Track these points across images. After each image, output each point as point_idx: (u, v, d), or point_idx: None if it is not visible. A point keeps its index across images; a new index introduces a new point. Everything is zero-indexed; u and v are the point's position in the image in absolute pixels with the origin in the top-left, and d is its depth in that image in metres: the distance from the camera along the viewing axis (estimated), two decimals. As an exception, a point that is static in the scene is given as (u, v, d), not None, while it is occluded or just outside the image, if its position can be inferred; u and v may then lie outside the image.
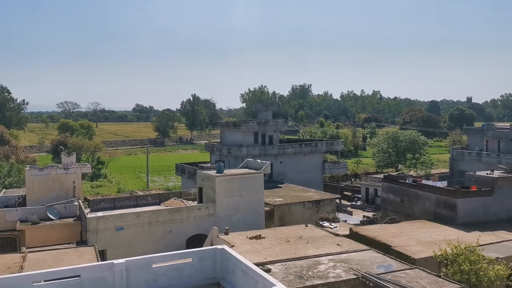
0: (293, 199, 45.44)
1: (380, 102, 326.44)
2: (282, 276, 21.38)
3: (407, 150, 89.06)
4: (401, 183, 44.99)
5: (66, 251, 26.74)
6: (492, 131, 56.45)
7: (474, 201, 39.17)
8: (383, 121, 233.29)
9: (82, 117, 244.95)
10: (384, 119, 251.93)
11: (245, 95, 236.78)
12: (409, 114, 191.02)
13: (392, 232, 33.47)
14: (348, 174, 79.42)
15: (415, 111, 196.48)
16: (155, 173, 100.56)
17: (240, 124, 62.40)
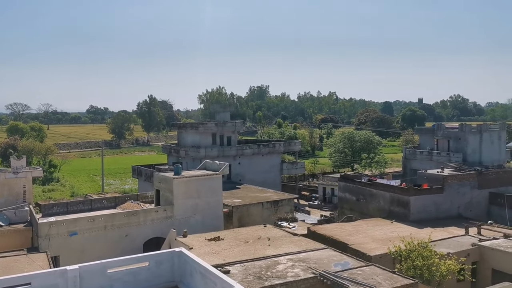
0: (252, 200, 45.52)
1: (336, 103, 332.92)
2: (241, 277, 21.34)
3: (362, 150, 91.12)
4: (357, 182, 46.01)
5: (17, 258, 25.62)
6: (442, 131, 58.75)
7: (426, 198, 40.63)
8: (339, 121, 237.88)
9: (33, 119, 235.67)
10: (340, 119, 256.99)
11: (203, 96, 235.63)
12: (364, 115, 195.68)
13: (348, 231, 34.15)
14: (305, 174, 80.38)
15: (370, 112, 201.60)
16: (110, 176, 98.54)
17: (198, 126, 62.02)
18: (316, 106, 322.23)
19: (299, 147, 73.24)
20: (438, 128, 59.24)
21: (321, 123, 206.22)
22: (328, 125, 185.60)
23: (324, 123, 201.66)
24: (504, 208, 43.65)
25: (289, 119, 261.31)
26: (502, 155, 57.44)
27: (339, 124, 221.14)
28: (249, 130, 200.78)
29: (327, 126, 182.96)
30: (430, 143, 60.97)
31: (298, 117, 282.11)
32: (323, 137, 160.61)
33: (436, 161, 56.79)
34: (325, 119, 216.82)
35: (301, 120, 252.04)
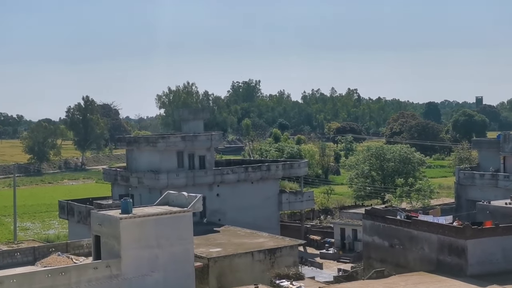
0: (237, 249, 45.26)
1: (358, 105, 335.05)
2: None
3: (397, 173, 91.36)
4: (390, 220, 46.07)
5: None
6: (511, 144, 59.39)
7: (490, 242, 40.75)
8: (363, 132, 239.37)
9: None
10: (364, 129, 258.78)
11: (164, 97, 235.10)
12: (399, 122, 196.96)
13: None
14: (315, 210, 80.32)
15: (407, 117, 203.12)
16: (27, 216, 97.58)
17: (157, 140, 61.89)
18: (329, 109, 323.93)
19: (306, 170, 73.01)
20: (506, 139, 59.87)
21: (337, 135, 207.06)
22: (347, 137, 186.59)
23: (341, 134, 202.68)
24: None
25: (291, 129, 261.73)
26: None
27: (363, 136, 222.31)
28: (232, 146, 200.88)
29: (346, 138, 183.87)
30: (495, 161, 61.48)
31: (303, 126, 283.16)
32: (340, 154, 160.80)
33: (503, 188, 57.20)
34: (343, 129, 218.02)
35: (307, 131, 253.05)
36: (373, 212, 49.46)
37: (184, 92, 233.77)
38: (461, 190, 63.19)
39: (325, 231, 68.56)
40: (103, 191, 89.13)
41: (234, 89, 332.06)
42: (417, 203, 77.44)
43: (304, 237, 65.03)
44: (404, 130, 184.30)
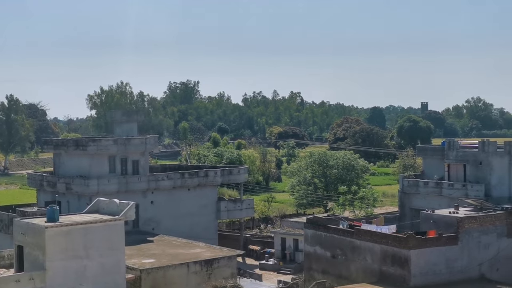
0: (172, 260, 45.00)
1: (301, 110, 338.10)
2: None
3: (340, 180, 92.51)
4: (332, 229, 46.61)
5: None
6: (456, 151, 60.87)
7: (434, 252, 41.77)
8: (306, 137, 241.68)
9: None
10: (307, 134, 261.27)
11: (95, 98, 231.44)
12: (343, 127, 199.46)
13: (320, 304, 34.45)
14: (255, 219, 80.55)
15: (351, 123, 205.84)
16: None
17: (87, 143, 61.02)
18: (271, 113, 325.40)
19: (246, 176, 73.26)
20: (450, 146, 61.36)
21: (279, 140, 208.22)
22: (289, 142, 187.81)
23: (283, 139, 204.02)
24: (544, 265, 45.57)
25: (231, 133, 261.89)
26: (541, 187, 60.23)
27: (305, 141, 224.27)
28: (168, 151, 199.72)
29: (288, 144, 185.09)
30: (439, 169, 62.90)
31: (244, 130, 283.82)
32: (282, 160, 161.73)
33: (447, 197, 58.59)
34: (285, 133, 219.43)
35: (248, 135, 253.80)
36: (315, 221, 49.94)
37: (118, 93, 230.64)
38: (405, 199, 64.36)
39: (265, 241, 68.74)
40: (28, 198, 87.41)
41: (171, 90, 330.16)
42: (360, 212, 78.57)
43: (243, 247, 65.19)
44: (348, 135, 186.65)
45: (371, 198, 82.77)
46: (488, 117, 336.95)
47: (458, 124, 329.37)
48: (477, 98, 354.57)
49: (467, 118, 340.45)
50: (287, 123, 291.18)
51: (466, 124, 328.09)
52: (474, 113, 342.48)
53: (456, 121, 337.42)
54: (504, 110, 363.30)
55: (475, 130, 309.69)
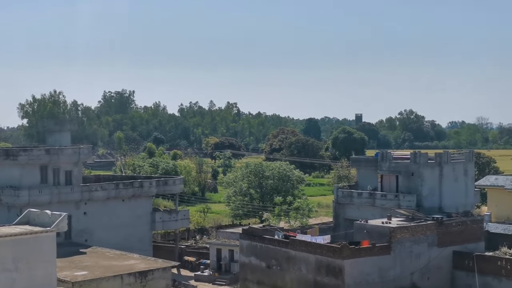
0: (105, 272, 44.34)
1: (237, 120, 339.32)
2: None
3: (275, 190, 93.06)
4: (268, 240, 46.90)
5: None
6: (389, 163, 62.15)
7: (367, 262, 42.57)
8: (242, 147, 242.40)
9: None
10: (243, 144, 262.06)
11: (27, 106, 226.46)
12: (279, 138, 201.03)
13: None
14: (191, 229, 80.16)
15: (287, 134, 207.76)
16: None
17: (18, 153, 59.66)
18: (207, 124, 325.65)
19: (181, 187, 72.77)
20: (383, 158, 62.57)
21: (215, 150, 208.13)
22: (225, 153, 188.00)
23: (219, 149, 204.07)
24: (473, 274, 47.08)
25: (166, 143, 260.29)
26: (469, 198, 61.95)
27: (242, 152, 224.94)
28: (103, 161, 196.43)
29: (224, 154, 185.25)
30: (373, 180, 64.06)
31: (180, 141, 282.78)
32: (218, 171, 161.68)
33: (380, 207, 59.70)
34: (221, 144, 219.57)
35: (184, 146, 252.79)
36: (250, 231, 50.14)
37: (50, 101, 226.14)
38: (339, 209, 65.17)
39: (200, 252, 68.54)
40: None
41: (105, 100, 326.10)
42: (295, 222, 79.16)
43: (178, 258, 64.88)
44: (284, 146, 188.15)
45: (306, 209, 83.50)
46: (420, 129, 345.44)
47: (391, 136, 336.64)
48: (409, 111, 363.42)
49: (399, 130, 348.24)
50: (224, 133, 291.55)
51: (399, 136, 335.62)
52: (407, 125, 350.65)
53: (389, 132, 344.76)
54: (435, 123, 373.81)
55: (407, 142, 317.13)
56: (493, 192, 73.09)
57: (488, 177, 79.53)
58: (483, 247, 52.50)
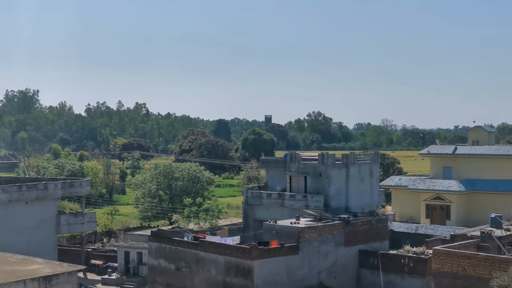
0: (7, 277, 42.79)
1: (146, 121, 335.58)
2: None
3: (185, 192, 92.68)
4: (177, 242, 46.63)
5: None
6: (297, 164, 63.07)
7: (276, 262, 43.05)
8: (151, 148, 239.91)
9: None
10: (152, 145, 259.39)
11: None
12: (189, 139, 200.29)
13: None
14: (98, 232, 78.77)
15: (197, 135, 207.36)
16: None
17: None
18: (115, 124, 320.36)
19: (88, 189, 71.38)
20: (292, 159, 63.44)
21: (123, 151, 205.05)
22: (134, 154, 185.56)
23: (128, 150, 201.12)
24: (377, 272, 48.50)
25: (73, 144, 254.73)
26: (374, 198, 63.79)
27: (151, 153, 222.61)
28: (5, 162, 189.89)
29: (133, 155, 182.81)
30: (282, 181, 64.82)
31: (86, 142, 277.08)
32: (127, 172, 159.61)
33: (289, 207, 60.46)
34: (130, 145, 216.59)
35: (91, 147, 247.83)
36: (159, 233, 49.74)
37: None
38: (249, 210, 65.52)
39: (108, 255, 67.50)
40: None
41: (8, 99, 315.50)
42: (205, 224, 79.08)
43: (85, 262, 63.56)
44: (194, 147, 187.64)
45: (216, 210, 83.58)
46: (327, 131, 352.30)
47: (300, 137, 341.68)
48: (317, 112, 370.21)
49: (308, 132, 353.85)
50: (132, 134, 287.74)
51: (307, 137, 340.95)
52: (315, 126, 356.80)
53: (298, 134, 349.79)
54: (343, 124, 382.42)
55: (315, 143, 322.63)
56: (397, 192, 75.59)
57: (392, 177, 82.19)
58: (387, 245, 54.18)
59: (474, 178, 69.99)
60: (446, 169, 73.64)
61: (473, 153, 72.18)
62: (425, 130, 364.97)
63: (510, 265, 37.59)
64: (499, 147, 77.89)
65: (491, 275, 37.82)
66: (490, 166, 70.06)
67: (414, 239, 55.97)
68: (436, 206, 69.91)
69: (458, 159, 72.64)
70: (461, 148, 74.45)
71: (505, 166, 70.02)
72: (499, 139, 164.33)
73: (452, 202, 68.39)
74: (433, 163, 76.55)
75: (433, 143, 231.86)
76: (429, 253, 46.49)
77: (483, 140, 75.73)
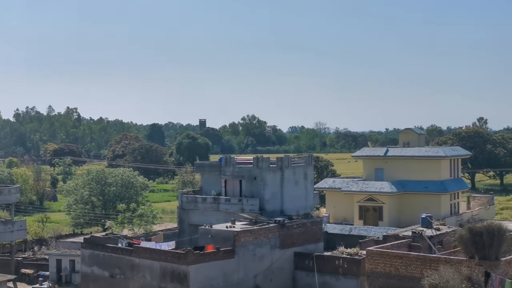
0: None
1: (78, 126, 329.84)
2: None
3: (118, 198, 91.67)
4: (111, 248, 45.98)
5: None
6: (232, 167, 63.17)
7: (212, 266, 42.96)
8: (84, 154, 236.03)
9: None
10: (85, 151, 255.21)
11: None
12: (122, 144, 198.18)
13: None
14: (28, 240, 77.14)
15: (130, 139, 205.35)
16: None
17: None
18: (46, 129, 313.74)
19: (17, 196, 69.63)
20: (227, 162, 63.50)
21: (54, 157, 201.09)
22: (65, 160, 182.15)
23: (59, 156, 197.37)
24: (313, 273, 49.04)
25: (1, 150, 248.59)
26: (309, 200, 64.52)
27: (83, 159, 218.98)
28: None
29: (64, 161, 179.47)
30: (217, 185, 64.82)
31: (16, 148, 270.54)
32: (58, 179, 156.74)
33: (224, 211, 60.48)
34: (61, 151, 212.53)
35: (21, 152, 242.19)
36: (92, 240, 48.97)
37: None
38: (184, 215, 65.24)
39: (39, 264, 66.05)
40: None
41: None
42: (139, 230, 78.36)
43: (15, 271, 62.20)
44: (127, 152, 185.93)
45: (150, 215, 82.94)
46: (262, 134, 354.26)
47: (235, 141, 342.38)
48: (252, 116, 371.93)
49: (242, 135, 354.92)
50: (63, 140, 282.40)
51: (242, 141, 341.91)
52: (249, 130, 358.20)
53: (232, 138, 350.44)
54: (277, 128, 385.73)
55: (250, 147, 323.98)
56: (331, 194, 76.48)
57: (326, 179, 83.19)
58: (322, 247, 54.86)
59: (405, 179, 71.45)
60: (378, 171, 74.93)
61: (404, 155, 73.69)
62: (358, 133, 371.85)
63: (441, 264, 38.58)
64: (428, 148, 79.71)
65: (422, 274, 38.70)
66: (420, 167, 71.68)
67: (348, 240, 56.85)
68: (369, 207, 71.02)
69: (390, 160, 74.03)
70: (392, 150, 75.91)
71: (434, 167, 71.83)
72: (429, 140, 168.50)
73: (384, 203, 69.63)
74: (365, 165, 77.80)
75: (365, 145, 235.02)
76: (363, 253, 47.26)
77: (413, 142, 77.39)
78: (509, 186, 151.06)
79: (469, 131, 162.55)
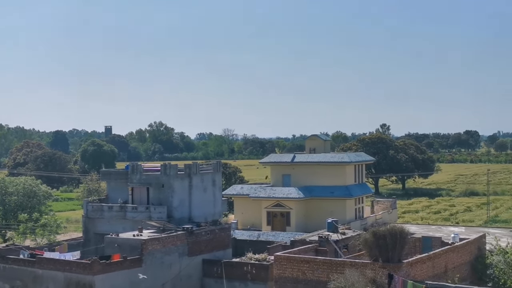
0: None
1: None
2: None
3: (20, 207, 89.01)
4: (11, 260, 44.53)
5: None
6: (139, 175, 62.52)
7: (119, 276, 42.32)
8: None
9: None
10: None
11: None
12: (23, 152, 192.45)
13: None
14: None
15: (33, 147, 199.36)
16: None
17: None
18: None
19: None
20: (133, 170, 62.82)
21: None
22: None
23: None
24: (221, 280, 49.18)
25: None
26: (217, 207, 64.70)
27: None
28: None
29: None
30: (124, 193, 63.98)
31: None
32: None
33: (131, 220, 59.76)
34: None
35: None
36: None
37: None
38: (90, 224, 64.04)
39: None
40: None
41: None
42: (42, 240, 76.33)
43: None
44: (29, 160, 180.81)
45: (54, 225, 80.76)
46: (169, 141, 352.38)
47: (142, 148, 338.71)
48: (159, 123, 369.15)
49: (150, 142, 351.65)
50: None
51: (149, 148, 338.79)
52: (157, 137, 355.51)
53: (139, 144, 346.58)
54: (185, 134, 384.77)
55: (158, 154, 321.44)
56: (239, 200, 77.05)
57: (234, 186, 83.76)
58: (230, 253, 55.13)
59: (312, 184, 72.90)
60: (285, 177, 76.10)
61: (310, 161, 75.18)
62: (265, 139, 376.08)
63: (346, 268, 39.56)
64: (334, 154, 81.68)
65: (328, 277, 39.56)
66: (326, 173, 73.34)
67: (256, 246, 57.36)
68: (277, 213, 71.98)
69: (297, 166, 75.36)
70: (299, 156, 77.28)
71: (339, 173, 73.65)
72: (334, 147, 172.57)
73: (292, 208, 70.73)
74: (273, 171, 78.83)
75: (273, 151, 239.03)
76: (271, 259, 47.82)
77: (319, 148, 79.11)
78: (410, 191, 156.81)
79: (373, 137, 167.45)
